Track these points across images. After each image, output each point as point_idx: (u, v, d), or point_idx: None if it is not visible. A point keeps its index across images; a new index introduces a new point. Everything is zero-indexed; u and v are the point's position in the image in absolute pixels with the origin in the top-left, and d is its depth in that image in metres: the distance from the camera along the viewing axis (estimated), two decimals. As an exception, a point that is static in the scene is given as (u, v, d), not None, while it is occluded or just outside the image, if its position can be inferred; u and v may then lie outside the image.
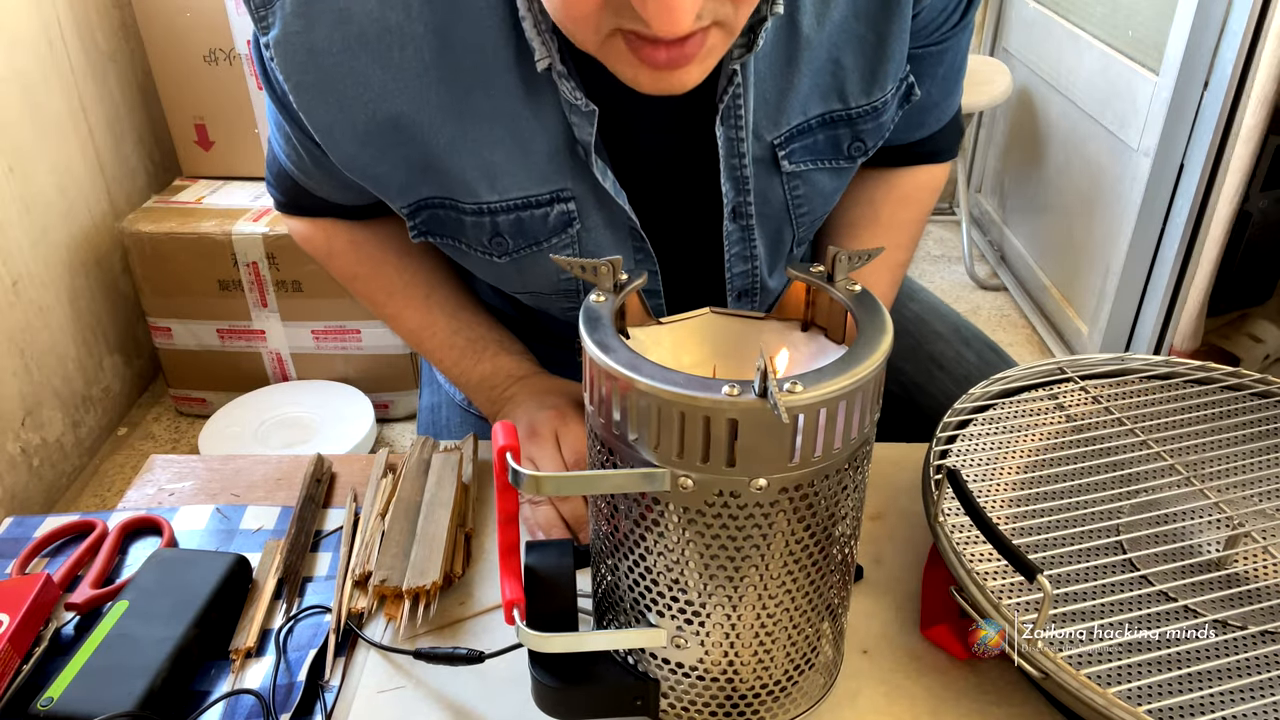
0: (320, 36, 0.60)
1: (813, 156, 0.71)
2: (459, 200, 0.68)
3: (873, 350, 0.46)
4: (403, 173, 0.66)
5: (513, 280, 0.75)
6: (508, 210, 0.68)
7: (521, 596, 0.51)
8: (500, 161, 0.65)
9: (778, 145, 0.69)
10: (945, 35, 0.72)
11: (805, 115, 0.69)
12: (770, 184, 0.71)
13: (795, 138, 0.69)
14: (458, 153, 0.65)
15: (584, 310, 0.49)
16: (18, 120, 1.76)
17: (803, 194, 0.73)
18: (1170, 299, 1.94)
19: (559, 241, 0.70)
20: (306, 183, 0.76)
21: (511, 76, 0.62)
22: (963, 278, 2.66)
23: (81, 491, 1.90)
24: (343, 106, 0.63)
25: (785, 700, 0.53)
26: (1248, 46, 1.66)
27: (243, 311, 1.97)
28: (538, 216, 0.68)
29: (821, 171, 0.72)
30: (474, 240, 0.71)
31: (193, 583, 0.64)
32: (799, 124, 0.69)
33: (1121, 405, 0.74)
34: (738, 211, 0.71)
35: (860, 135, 0.71)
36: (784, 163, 0.69)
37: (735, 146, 0.67)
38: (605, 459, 0.48)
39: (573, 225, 0.69)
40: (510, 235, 0.69)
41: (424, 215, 0.70)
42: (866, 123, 0.71)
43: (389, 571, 0.65)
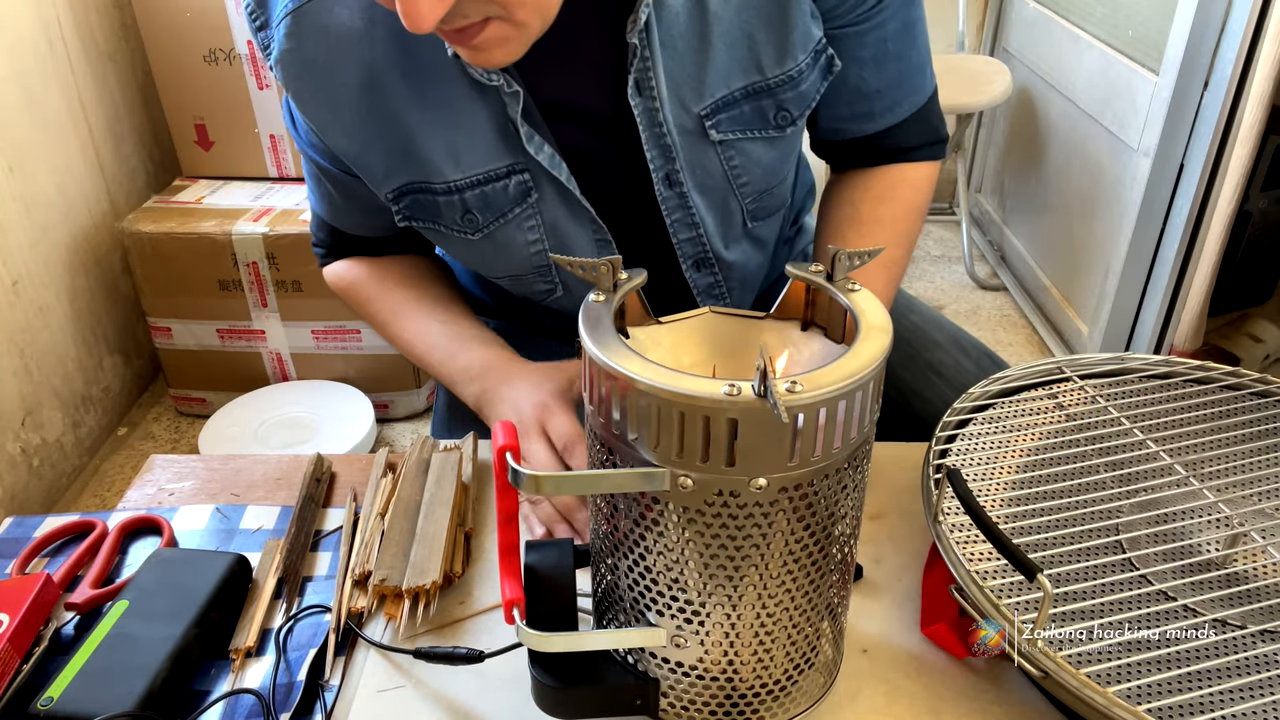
0: (309, 49, 0.72)
1: (741, 126, 0.76)
2: (431, 182, 0.76)
3: (873, 350, 0.46)
4: (386, 159, 0.76)
5: (491, 261, 0.82)
6: (472, 186, 0.76)
7: (521, 596, 0.51)
8: (460, 142, 0.74)
9: (704, 116, 0.74)
10: (863, 16, 0.77)
11: (729, 88, 0.74)
12: (705, 154, 0.76)
13: (721, 109, 0.75)
14: (425, 137, 0.74)
15: (584, 310, 0.49)
16: (18, 120, 1.76)
17: (739, 164, 0.78)
18: (1170, 299, 1.94)
19: (521, 211, 0.77)
20: (335, 219, 0.88)
21: (457, 68, 0.71)
22: (963, 278, 2.67)
23: (81, 491, 1.90)
24: (333, 106, 0.74)
25: (785, 700, 0.53)
26: (1248, 46, 1.66)
27: (243, 311, 1.97)
28: (499, 189, 0.76)
29: (753, 141, 0.77)
30: (449, 220, 0.78)
31: (193, 583, 0.64)
32: (723, 96, 0.74)
33: (1121, 405, 0.74)
34: (671, 179, 0.77)
35: (784, 104, 0.76)
36: (712, 133, 0.75)
37: (653, 116, 0.73)
38: (605, 459, 0.48)
39: (530, 195, 0.76)
40: (479, 210, 0.77)
41: (406, 200, 0.78)
42: (787, 91, 0.76)
43: (389, 571, 0.65)
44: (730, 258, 0.84)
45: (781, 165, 0.81)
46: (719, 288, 0.86)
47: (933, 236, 2.91)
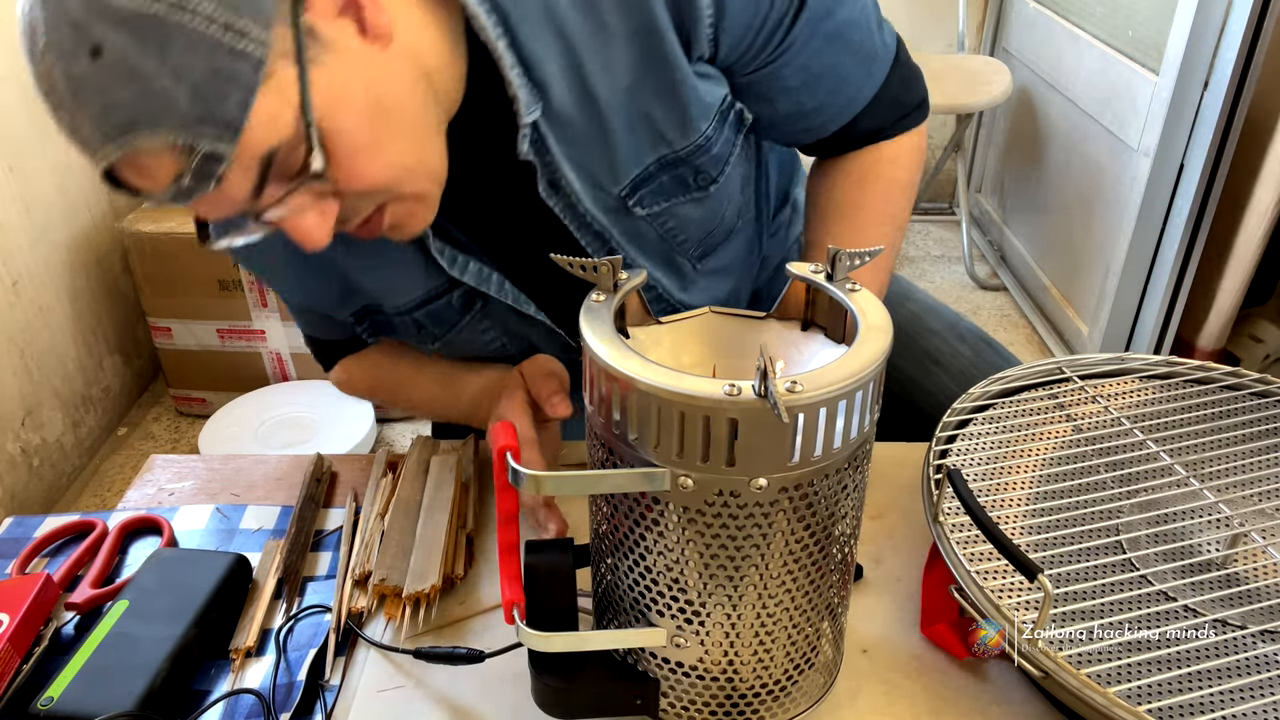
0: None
1: (663, 196, 0.76)
2: (382, 306, 0.80)
3: (873, 350, 0.46)
4: (334, 297, 0.80)
5: (463, 352, 0.85)
6: (418, 307, 0.79)
7: (521, 596, 0.51)
8: (393, 276, 0.77)
9: (625, 196, 0.74)
10: (771, 58, 0.74)
11: (641, 165, 0.73)
12: (635, 226, 0.76)
13: (640, 185, 0.74)
14: (361, 278, 0.78)
15: (584, 310, 0.49)
16: (18, 120, 1.76)
17: (673, 225, 0.77)
18: (1170, 299, 1.94)
19: (471, 319, 0.80)
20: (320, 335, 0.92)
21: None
22: (963, 278, 2.67)
23: (81, 491, 1.90)
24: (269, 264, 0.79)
25: (785, 700, 0.53)
26: (1248, 46, 1.66)
27: (243, 311, 1.97)
28: (443, 305, 0.79)
29: (679, 204, 0.77)
30: (407, 335, 0.82)
31: (193, 582, 0.64)
32: (638, 174, 0.74)
33: (1121, 405, 0.74)
34: (613, 253, 0.76)
35: (700, 168, 0.76)
36: (637, 209, 0.75)
37: (574, 210, 0.73)
38: (605, 458, 0.48)
39: (475, 304, 0.79)
40: (430, 325, 0.80)
41: (367, 321, 0.82)
42: (699, 157, 0.75)
43: (389, 570, 0.65)
44: (695, 300, 0.84)
45: (717, 211, 0.80)
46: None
47: (933, 236, 2.91)
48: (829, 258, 0.52)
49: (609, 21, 0.68)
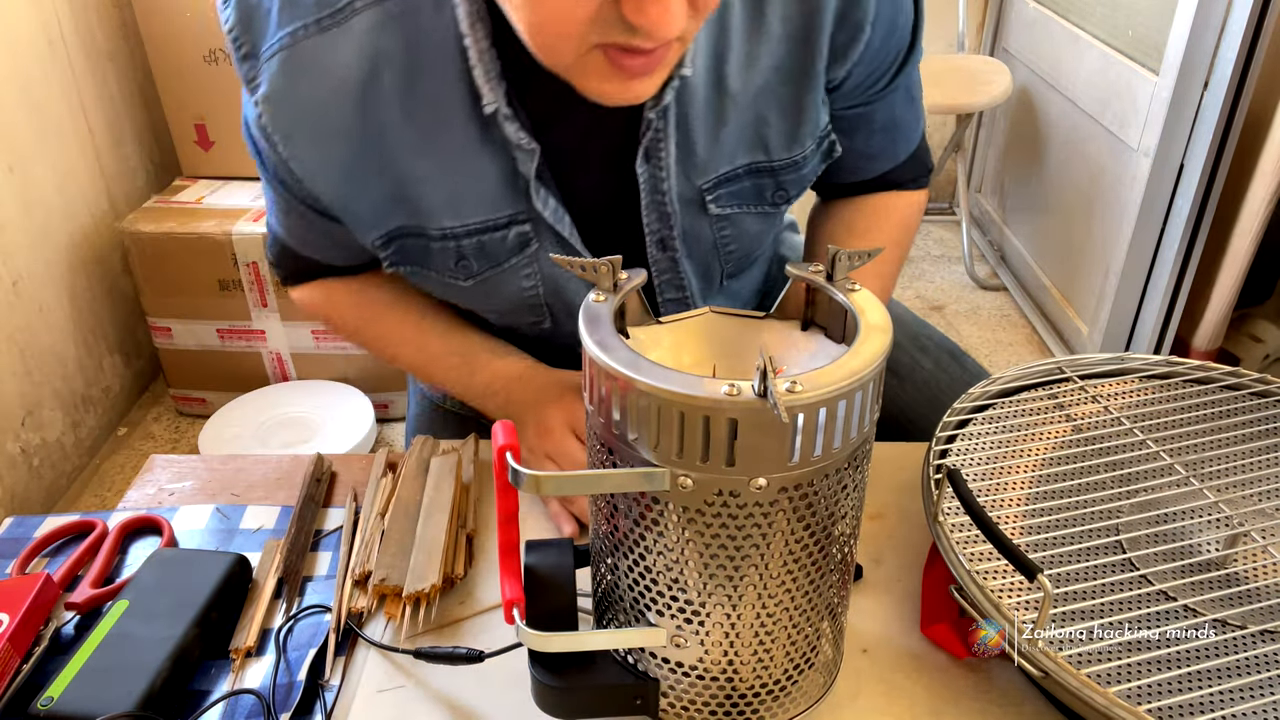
0: (304, 90, 0.68)
1: (739, 201, 0.77)
2: (426, 228, 0.74)
3: (873, 350, 0.46)
4: (377, 205, 0.73)
5: (480, 301, 0.80)
6: (470, 234, 0.74)
7: (521, 596, 0.51)
8: (461, 191, 0.72)
9: (705, 190, 0.75)
10: (874, 97, 0.79)
11: (733, 164, 0.75)
12: (699, 223, 0.77)
13: (722, 184, 0.76)
14: (425, 185, 0.72)
15: (584, 310, 0.49)
16: (18, 120, 1.76)
17: (730, 234, 0.79)
18: (1170, 299, 1.94)
19: (518, 261, 0.76)
20: (304, 248, 0.83)
21: (467, 118, 0.69)
22: (963, 278, 2.66)
23: (81, 491, 1.90)
24: (325, 150, 0.70)
25: (785, 700, 0.53)
26: (1248, 47, 1.66)
27: (243, 311, 1.97)
28: (497, 239, 0.74)
29: (747, 215, 0.79)
30: (441, 266, 0.76)
31: (193, 582, 0.64)
32: (726, 172, 0.75)
33: (1121, 405, 0.74)
34: (664, 243, 0.77)
35: (783, 185, 0.78)
36: (711, 206, 0.76)
37: (657, 184, 0.73)
38: (605, 459, 0.48)
39: (529, 246, 0.75)
40: (474, 258, 0.75)
41: (395, 246, 0.75)
42: (788, 174, 0.77)
43: (389, 570, 0.65)
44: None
45: (766, 235, 0.83)
46: None
47: (933, 236, 2.91)
48: (829, 258, 0.52)
49: (770, 21, 0.70)
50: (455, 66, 0.67)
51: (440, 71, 0.68)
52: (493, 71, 0.66)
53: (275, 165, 0.73)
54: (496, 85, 0.67)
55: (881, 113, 0.81)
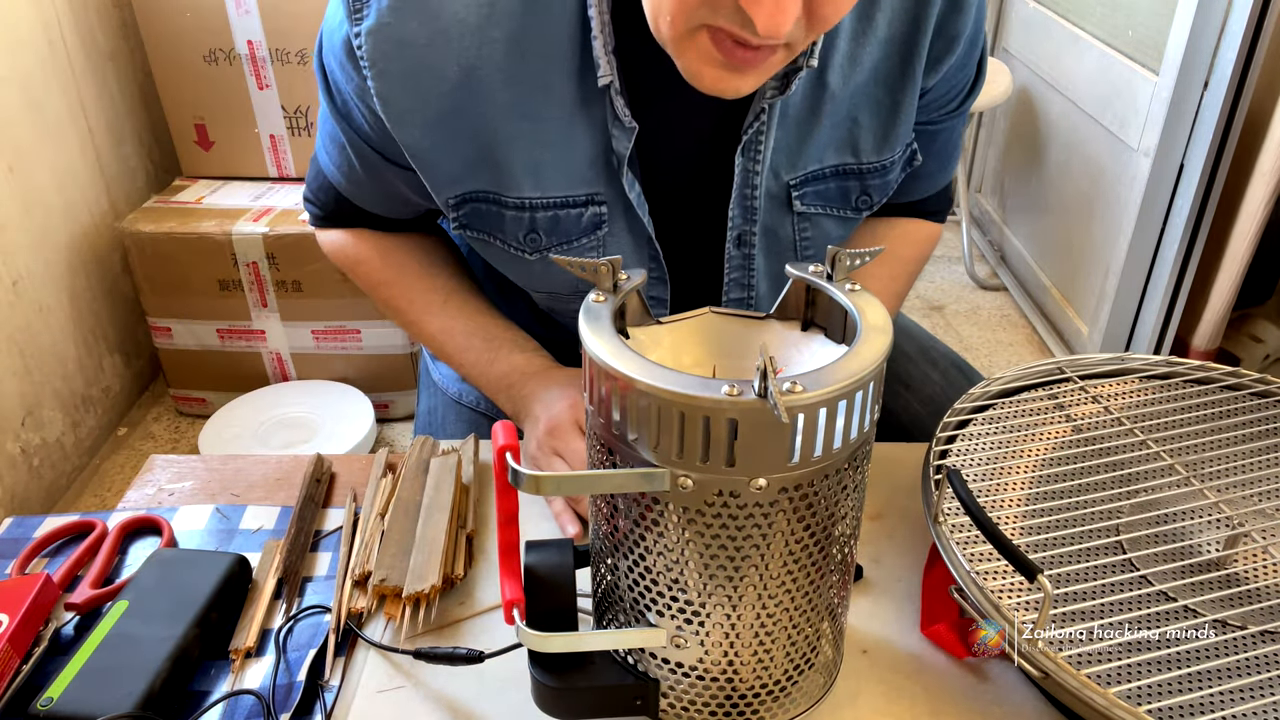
0: (409, 30, 0.67)
1: (823, 202, 0.77)
2: (503, 194, 0.73)
3: (873, 350, 0.46)
4: (458, 163, 0.72)
5: (536, 279, 0.79)
6: (547, 207, 0.73)
7: (521, 596, 0.51)
8: (548, 161, 0.71)
9: (793, 186, 0.75)
10: (945, 116, 0.81)
11: (822, 163, 0.75)
12: (781, 221, 0.77)
13: (810, 182, 0.76)
14: (512, 148, 0.71)
15: (584, 310, 0.49)
16: (18, 120, 1.76)
17: (810, 236, 0.79)
18: (1170, 299, 1.94)
19: (588, 242, 0.75)
20: (350, 192, 0.82)
21: (571, 85, 0.69)
22: (963, 278, 2.66)
23: (81, 491, 1.90)
24: (420, 95, 0.68)
25: (785, 700, 0.53)
26: (1248, 46, 1.66)
27: (243, 311, 1.97)
28: (573, 216, 0.74)
29: (829, 218, 0.79)
30: (510, 235, 0.75)
31: (193, 583, 0.64)
32: (815, 170, 0.76)
33: (1121, 405, 0.74)
34: (742, 239, 0.77)
35: (868, 189, 0.78)
36: (796, 203, 0.76)
37: (750, 178, 0.73)
38: (605, 459, 0.48)
39: (601, 228, 0.75)
40: (545, 232, 0.75)
41: (468, 208, 0.74)
42: (874, 178, 0.78)
43: (389, 571, 0.65)
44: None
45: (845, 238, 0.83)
46: None
47: (933, 236, 2.90)
48: (829, 258, 0.52)
49: (878, 23, 0.70)
50: (571, 33, 0.67)
51: (555, 35, 0.67)
52: (609, 45, 0.67)
53: (356, 100, 0.72)
54: (613, 59, 0.67)
55: (943, 136, 0.83)
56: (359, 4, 0.68)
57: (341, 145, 0.78)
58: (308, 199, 0.88)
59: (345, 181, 0.81)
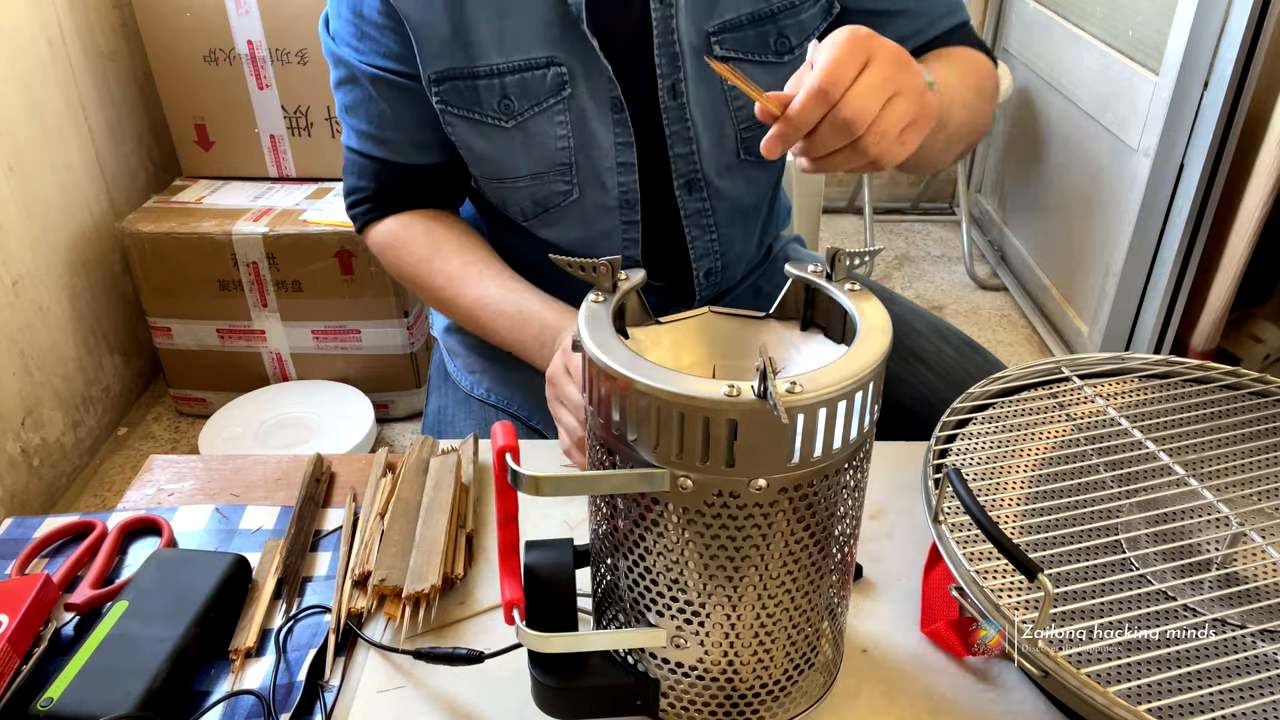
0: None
1: (744, 48, 0.83)
2: (475, 66, 0.82)
3: (873, 350, 0.46)
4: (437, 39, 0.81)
5: (519, 156, 0.85)
6: (513, 71, 0.82)
7: (521, 596, 0.51)
8: (509, 27, 0.80)
9: (712, 34, 0.82)
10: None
11: (737, 11, 0.83)
12: (708, 71, 0.83)
13: (727, 30, 0.83)
14: (478, 17, 0.80)
15: (584, 310, 0.49)
16: (18, 120, 1.76)
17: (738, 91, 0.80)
18: (1170, 299, 1.94)
19: (555, 103, 0.83)
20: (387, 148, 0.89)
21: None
22: (963, 278, 2.66)
23: (81, 491, 1.90)
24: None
25: (785, 700, 0.53)
26: (1248, 47, 1.66)
27: (243, 311, 1.97)
28: (537, 78, 0.82)
29: (753, 64, 0.84)
30: (487, 105, 0.83)
31: (192, 583, 0.64)
32: (730, 18, 0.82)
33: (1121, 405, 0.74)
34: (675, 89, 0.83)
35: (784, 30, 0.84)
36: (716, 48, 0.82)
37: (667, 24, 0.81)
38: (605, 459, 0.48)
39: (565, 88, 0.82)
40: (516, 97, 0.83)
41: (446, 85, 0.83)
42: (787, 18, 0.83)
43: (388, 571, 0.65)
44: (720, 185, 0.89)
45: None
46: (706, 216, 0.90)
47: (933, 236, 2.91)
48: (829, 257, 0.52)
49: None
50: None
51: None
52: None
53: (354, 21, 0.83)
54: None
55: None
56: None
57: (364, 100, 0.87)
58: (351, 202, 0.94)
59: (375, 133, 0.88)
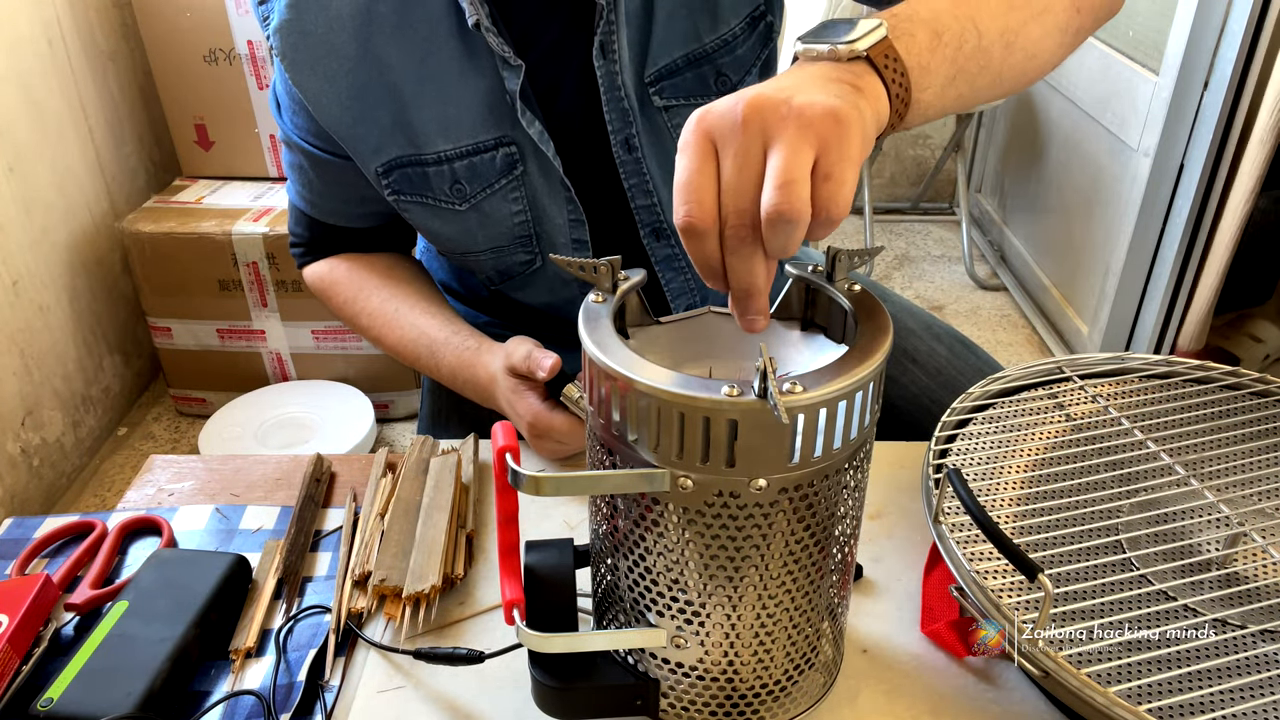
0: (308, 21, 0.76)
1: (684, 93, 0.80)
2: (423, 153, 0.79)
3: (873, 350, 0.46)
4: (377, 132, 0.78)
5: (475, 234, 0.83)
6: (462, 156, 0.79)
7: (521, 596, 0.51)
8: (452, 114, 0.78)
9: (649, 84, 0.79)
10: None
11: (671, 56, 0.79)
12: (655, 120, 0.80)
13: (665, 77, 0.79)
14: (419, 108, 0.77)
15: (584, 310, 0.49)
16: (18, 120, 1.76)
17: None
18: (1170, 299, 1.94)
19: (507, 183, 0.81)
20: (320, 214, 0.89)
21: (455, 40, 0.75)
22: (963, 278, 2.67)
23: (81, 491, 1.90)
24: (328, 77, 0.77)
25: (785, 700, 0.53)
26: (1248, 46, 1.66)
27: (243, 311, 1.97)
28: (486, 160, 0.79)
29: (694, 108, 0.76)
30: (438, 191, 0.81)
31: (193, 583, 0.64)
32: (666, 64, 0.79)
33: (1121, 405, 0.74)
34: (629, 143, 0.80)
35: (721, 69, 0.80)
36: (655, 99, 0.79)
37: (613, 79, 0.77)
38: (605, 459, 0.48)
39: (516, 167, 0.80)
40: (467, 180, 0.80)
41: (395, 175, 0.80)
42: (723, 56, 0.79)
43: (389, 571, 0.65)
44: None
45: None
46: (678, 260, 0.88)
47: (933, 236, 2.91)
48: (829, 258, 0.52)
49: None
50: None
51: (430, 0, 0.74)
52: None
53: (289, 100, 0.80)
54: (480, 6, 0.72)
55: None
56: (266, 12, 0.77)
57: (298, 166, 0.85)
58: (290, 243, 0.94)
59: (309, 198, 0.88)
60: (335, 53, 0.76)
